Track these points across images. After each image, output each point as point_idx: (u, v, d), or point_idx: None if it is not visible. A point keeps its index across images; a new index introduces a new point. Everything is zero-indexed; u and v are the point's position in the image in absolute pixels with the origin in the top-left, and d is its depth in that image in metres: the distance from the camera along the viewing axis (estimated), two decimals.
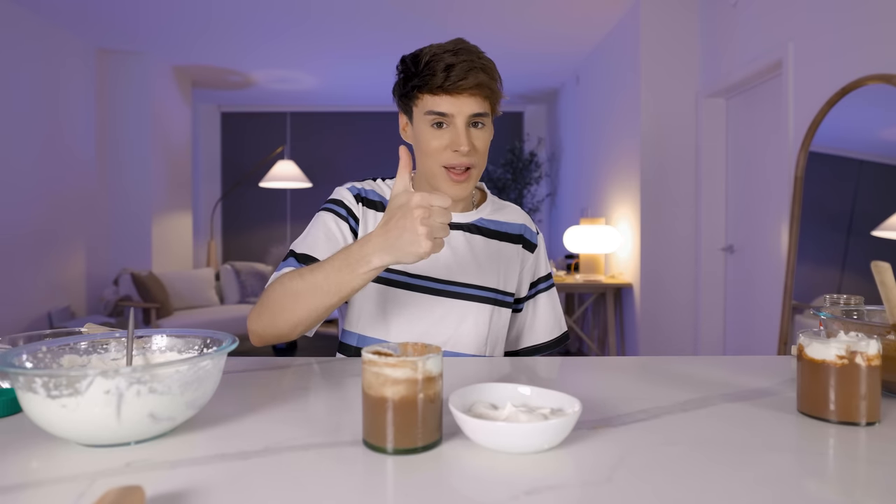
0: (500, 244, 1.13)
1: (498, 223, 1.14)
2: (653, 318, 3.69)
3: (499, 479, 0.52)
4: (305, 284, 0.86)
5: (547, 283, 1.20)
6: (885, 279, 0.75)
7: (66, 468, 0.55)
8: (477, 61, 0.99)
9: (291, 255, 1.01)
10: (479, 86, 0.99)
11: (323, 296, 0.85)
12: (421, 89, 1.00)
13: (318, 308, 0.87)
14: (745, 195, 3.28)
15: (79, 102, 4.51)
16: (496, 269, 1.11)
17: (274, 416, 0.69)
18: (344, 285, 0.83)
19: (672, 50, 3.64)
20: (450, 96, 0.98)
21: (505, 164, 6.07)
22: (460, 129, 0.99)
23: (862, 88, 2.07)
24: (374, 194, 1.09)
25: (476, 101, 1.00)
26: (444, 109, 0.99)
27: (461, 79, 0.97)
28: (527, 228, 1.18)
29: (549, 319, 1.18)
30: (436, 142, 1.01)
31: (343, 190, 1.09)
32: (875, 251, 2.08)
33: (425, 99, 1.00)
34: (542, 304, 1.18)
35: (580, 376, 0.92)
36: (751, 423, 0.67)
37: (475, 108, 1.00)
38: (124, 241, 4.91)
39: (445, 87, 0.98)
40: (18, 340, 0.74)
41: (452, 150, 1.00)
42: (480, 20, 4.09)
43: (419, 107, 1.02)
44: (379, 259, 0.79)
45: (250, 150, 6.65)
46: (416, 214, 0.75)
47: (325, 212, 1.06)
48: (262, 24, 4.20)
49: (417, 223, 0.75)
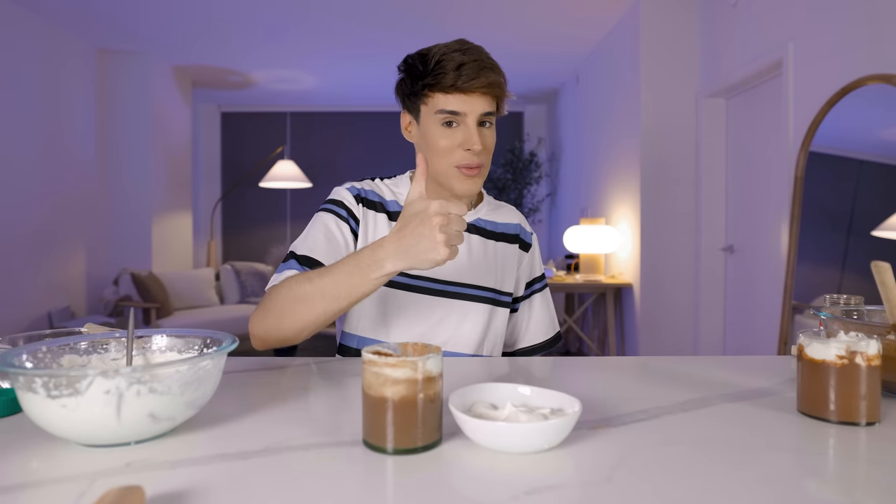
0: (497, 244, 1.13)
1: (495, 223, 1.15)
2: (653, 318, 3.69)
3: (499, 479, 0.52)
4: (314, 288, 0.85)
5: (541, 284, 1.21)
6: (885, 279, 0.75)
7: (66, 468, 0.55)
8: (486, 61, 1.00)
9: (292, 256, 1.00)
10: (490, 85, 0.99)
11: (331, 301, 0.84)
12: (432, 88, 1.00)
13: (326, 312, 0.86)
14: (745, 195, 3.28)
15: (79, 102, 4.51)
16: (494, 269, 1.11)
17: (274, 416, 0.69)
18: (355, 290, 0.83)
19: (672, 50, 3.64)
20: (463, 95, 0.99)
21: (505, 164, 6.07)
22: (472, 128, 1.00)
23: (862, 88, 2.07)
24: (374, 195, 1.08)
25: (487, 101, 1.01)
26: (457, 108, 0.99)
27: (473, 78, 0.97)
28: (522, 228, 1.19)
29: (545, 320, 1.19)
30: (446, 141, 1.01)
31: (342, 190, 1.08)
32: (875, 251, 2.08)
33: (436, 97, 1.00)
34: (538, 305, 1.19)
35: (580, 376, 0.92)
36: (751, 423, 0.67)
37: (486, 107, 1.01)
38: (124, 241, 4.91)
39: (458, 86, 0.98)
40: (18, 340, 0.74)
41: (465, 148, 1.00)
42: (480, 20, 4.09)
43: (429, 105, 1.01)
44: (392, 264, 0.79)
45: (250, 150, 6.65)
46: (434, 222, 0.75)
47: (325, 212, 1.05)
48: (262, 24, 4.20)
49: (436, 230, 0.75)
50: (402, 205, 1.10)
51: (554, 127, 6.24)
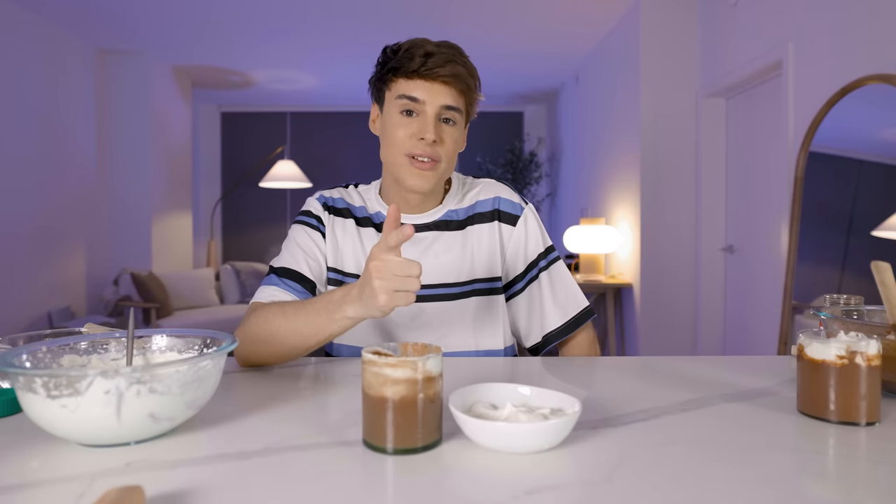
0: (471, 229, 1.07)
1: (467, 209, 1.08)
2: (653, 318, 3.69)
3: (499, 479, 0.52)
4: (287, 324, 0.87)
5: (547, 260, 1.09)
6: (885, 279, 0.75)
7: (66, 468, 0.55)
8: (458, 57, 0.98)
9: (272, 271, 1.04)
10: (455, 76, 0.97)
11: (302, 338, 0.86)
12: (396, 73, 0.98)
13: (298, 348, 0.88)
14: (745, 195, 3.28)
15: (79, 102, 4.51)
16: (471, 258, 1.06)
17: (274, 416, 0.69)
18: (322, 330, 0.84)
19: (672, 50, 3.64)
20: (424, 81, 0.96)
21: (505, 164, 6.07)
22: (429, 118, 0.97)
23: (862, 88, 2.07)
24: (342, 202, 1.09)
25: (450, 92, 0.98)
26: (417, 94, 0.96)
27: (438, 66, 0.95)
28: (502, 200, 1.09)
29: (560, 298, 1.07)
30: (402, 130, 0.98)
31: (312, 200, 1.10)
32: (875, 251, 2.08)
33: (399, 83, 0.98)
34: (546, 285, 1.08)
35: (580, 376, 0.92)
36: (751, 423, 0.67)
37: (448, 99, 0.97)
38: (124, 241, 4.91)
39: (421, 72, 0.96)
40: (18, 340, 0.74)
41: (418, 137, 0.97)
42: (480, 20, 4.09)
43: (392, 90, 0.99)
44: (353, 311, 0.80)
45: (250, 150, 6.65)
46: (370, 269, 0.75)
47: (298, 224, 1.08)
48: (262, 24, 4.20)
49: (372, 279, 0.74)
50: (370, 211, 1.10)
51: (554, 127, 6.24)
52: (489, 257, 1.06)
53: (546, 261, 1.09)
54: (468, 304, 1.05)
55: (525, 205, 1.11)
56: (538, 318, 1.08)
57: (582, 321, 1.08)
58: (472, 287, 1.05)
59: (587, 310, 1.10)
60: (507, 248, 1.09)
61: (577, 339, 1.10)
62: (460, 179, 1.13)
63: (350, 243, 1.07)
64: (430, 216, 1.07)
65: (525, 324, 1.10)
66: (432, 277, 1.04)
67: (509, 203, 1.09)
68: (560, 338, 1.08)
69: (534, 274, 1.09)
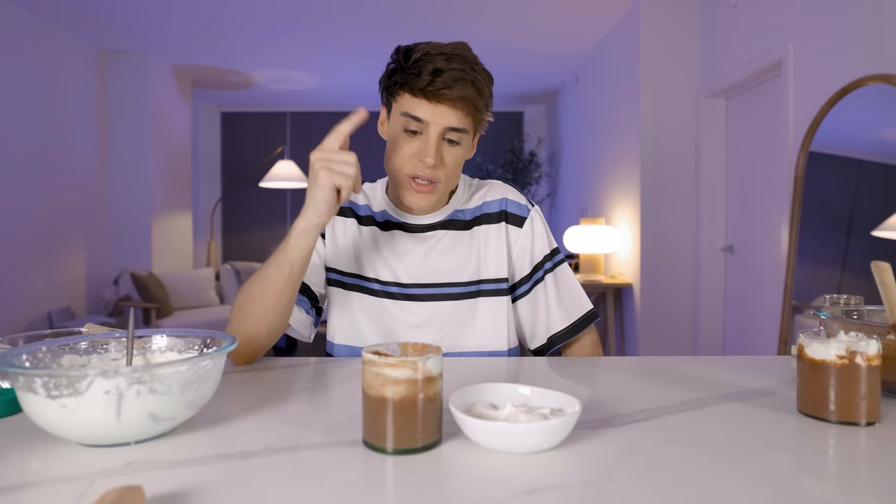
0: (478, 229, 1.06)
1: (474, 209, 1.07)
2: (653, 318, 3.69)
3: (499, 479, 0.52)
4: (258, 277, 0.91)
5: (553, 262, 1.08)
6: (885, 279, 0.75)
7: (66, 468, 0.55)
8: (469, 73, 0.93)
9: None
10: (462, 98, 0.93)
11: (273, 280, 0.89)
12: (402, 87, 0.94)
13: (274, 294, 0.89)
14: (745, 195, 3.28)
15: (79, 102, 4.51)
16: (477, 259, 1.05)
17: (274, 416, 0.69)
18: (284, 260, 0.88)
19: (672, 50, 3.64)
20: (429, 102, 0.93)
21: (505, 164, 6.08)
22: (431, 140, 0.94)
23: (862, 88, 2.07)
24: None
25: (456, 115, 0.94)
26: (420, 115, 0.93)
27: (446, 87, 0.91)
28: (509, 202, 1.08)
29: (566, 300, 1.07)
30: (405, 148, 0.96)
31: None
32: (875, 251, 2.08)
33: (405, 98, 0.95)
34: (551, 287, 1.07)
35: (580, 376, 0.92)
36: (751, 423, 0.67)
37: (453, 122, 0.94)
38: (124, 241, 4.91)
39: (427, 92, 0.92)
40: (18, 340, 0.74)
41: (420, 158, 0.95)
42: (480, 20, 4.08)
43: (398, 104, 0.97)
44: (302, 219, 0.85)
45: (250, 150, 6.65)
46: (315, 164, 0.83)
47: None
48: (262, 24, 4.20)
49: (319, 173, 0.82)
50: (374, 209, 1.09)
51: (554, 127, 6.24)
52: (496, 258, 1.05)
53: (552, 263, 1.09)
54: (474, 305, 1.04)
55: (531, 206, 1.10)
56: (543, 320, 1.07)
57: (586, 323, 1.08)
58: (479, 287, 1.05)
59: (591, 312, 1.10)
60: (514, 250, 1.08)
61: (581, 341, 1.10)
62: (466, 181, 1.12)
63: (351, 243, 1.07)
64: (436, 216, 1.06)
65: (530, 325, 1.09)
66: (437, 277, 1.04)
67: (516, 205, 1.08)
68: (565, 340, 1.07)
69: (539, 276, 1.08)
